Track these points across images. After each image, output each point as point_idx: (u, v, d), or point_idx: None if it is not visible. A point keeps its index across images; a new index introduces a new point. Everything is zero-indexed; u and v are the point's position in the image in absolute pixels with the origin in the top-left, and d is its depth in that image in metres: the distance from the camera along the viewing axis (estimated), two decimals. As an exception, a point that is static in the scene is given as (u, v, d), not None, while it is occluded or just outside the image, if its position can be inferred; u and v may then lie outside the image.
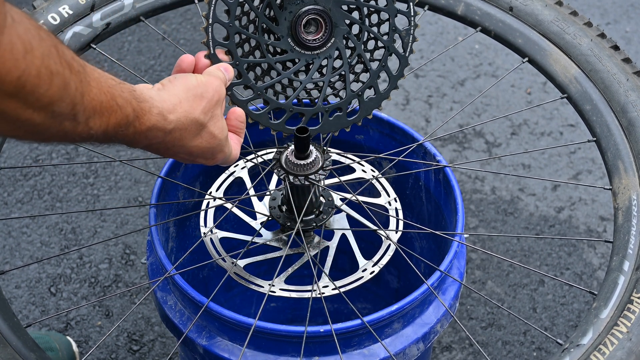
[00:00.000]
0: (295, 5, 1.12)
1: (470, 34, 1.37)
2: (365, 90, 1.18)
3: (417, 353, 1.20)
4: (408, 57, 1.20)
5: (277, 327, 1.11)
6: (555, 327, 1.85)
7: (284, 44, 1.14)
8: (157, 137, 0.95)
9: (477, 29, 1.32)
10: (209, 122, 1.01)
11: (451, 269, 1.25)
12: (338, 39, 1.15)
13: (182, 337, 1.17)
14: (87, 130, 0.85)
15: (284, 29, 1.13)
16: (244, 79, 1.13)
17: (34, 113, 0.77)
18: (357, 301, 1.67)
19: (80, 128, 0.84)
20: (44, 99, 0.77)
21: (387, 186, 1.32)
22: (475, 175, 2.15)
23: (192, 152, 1.01)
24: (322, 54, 1.15)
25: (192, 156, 1.02)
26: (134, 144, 0.94)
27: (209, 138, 1.02)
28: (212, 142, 1.03)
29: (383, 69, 1.18)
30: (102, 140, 0.89)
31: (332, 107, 1.17)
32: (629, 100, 1.20)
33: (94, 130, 0.86)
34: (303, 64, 1.15)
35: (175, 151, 1.00)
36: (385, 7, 1.16)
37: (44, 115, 0.78)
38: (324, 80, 1.16)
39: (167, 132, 0.96)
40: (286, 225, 1.23)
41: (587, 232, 2.04)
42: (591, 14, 2.62)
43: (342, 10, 1.15)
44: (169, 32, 2.51)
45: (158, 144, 0.97)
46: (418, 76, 2.42)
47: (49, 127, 0.80)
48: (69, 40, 1.24)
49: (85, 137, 0.86)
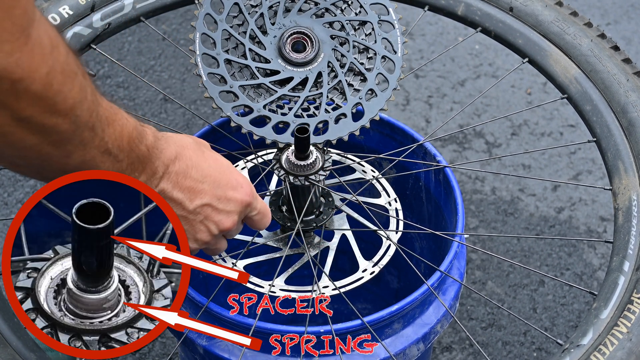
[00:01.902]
0: (278, 30, 1.18)
1: (470, 35, 1.37)
2: (366, 94, 1.18)
3: (417, 353, 1.20)
4: (402, 57, 1.21)
5: (277, 327, 1.12)
6: (556, 327, 1.85)
7: (275, 65, 1.17)
8: (170, 151, 0.95)
9: (477, 30, 1.32)
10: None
11: (451, 269, 1.25)
12: (327, 52, 1.18)
13: (182, 337, 1.17)
14: (104, 144, 0.83)
15: (271, 51, 1.17)
16: (242, 100, 1.16)
17: (59, 118, 0.75)
18: (357, 301, 1.67)
19: (98, 140, 0.82)
20: (69, 100, 0.75)
21: (387, 186, 1.32)
22: (475, 176, 2.15)
23: (209, 174, 1.00)
24: (315, 68, 1.18)
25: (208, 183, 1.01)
26: (151, 163, 0.93)
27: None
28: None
29: (379, 73, 1.20)
30: (118, 156, 0.87)
31: (337, 114, 1.18)
32: (629, 101, 1.20)
33: (110, 143, 0.84)
34: (298, 80, 1.17)
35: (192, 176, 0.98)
36: (361, 19, 1.21)
37: (68, 122, 0.76)
38: (322, 92, 1.18)
39: (172, 151, 0.95)
40: (286, 226, 1.23)
41: (587, 233, 2.04)
42: (591, 15, 2.62)
43: (324, 27, 1.18)
44: (169, 32, 2.51)
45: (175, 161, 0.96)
46: (418, 76, 2.42)
47: (72, 137, 0.78)
48: (69, 40, 1.24)
49: (103, 150, 0.84)
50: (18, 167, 0.83)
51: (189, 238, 1.01)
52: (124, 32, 2.48)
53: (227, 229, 1.03)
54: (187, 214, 0.99)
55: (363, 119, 1.18)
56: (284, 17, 1.19)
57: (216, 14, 1.18)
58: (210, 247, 1.06)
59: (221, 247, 1.08)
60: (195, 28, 1.18)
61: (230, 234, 1.08)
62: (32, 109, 0.72)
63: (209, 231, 1.02)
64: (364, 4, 1.23)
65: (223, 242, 1.08)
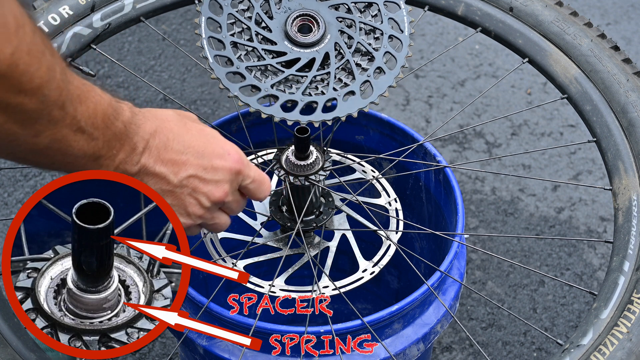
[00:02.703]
0: (284, 13, 1.16)
1: (470, 35, 1.37)
2: (374, 72, 1.17)
3: (417, 353, 1.20)
4: (409, 35, 1.21)
5: (277, 327, 1.12)
6: (556, 327, 1.85)
7: (281, 47, 1.15)
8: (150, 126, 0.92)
9: (478, 30, 1.32)
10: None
11: (451, 269, 1.25)
12: (334, 34, 1.17)
13: (182, 337, 1.17)
14: (76, 122, 0.81)
15: (277, 34, 1.16)
16: (249, 80, 1.14)
17: (26, 98, 0.73)
18: (358, 302, 1.67)
19: (69, 119, 0.80)
20: (35, 80, 0.73)
21: (387, 187, 1.32)
22: (475, 176, 2.15)
23: (191, 144, 0.96)
24: (322, 49, 1.16)
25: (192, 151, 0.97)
26: (129, 139, 0.90)
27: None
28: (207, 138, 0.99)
29: (387, 52, 1.19)
30: (93, 134, 0.84)
31: (345, 92, 1.16)
32: (629, 101, 1.20)
33: (83, 121, 0.82)
34: (305, 61, 1.15)
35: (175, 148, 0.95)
36: (367, 0, 1.19)
37: (35, 101, 0.74)
38: (330, 71, 1.16)
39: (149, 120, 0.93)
40: (286, 226, 1.23)
41: (587, 233, 2.04)
42: (591, 15, 2.62)
43: (330, 10, 1.17)
44: (169, 32, 2.51)
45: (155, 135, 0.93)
46: (418, 77, 2.42)
47: (40, 115, 0.76)
48: (69, 40, 1.24)
49: (76, 129, 0.82)
50: None
51: (180, 213, 0.98)
52: (124, 32, 2.48)
53: (218, 199, 0.99)
54: (172, 187, 0.96)
55: (372, 96, 1.17)
56: (289, 1, 1.17)
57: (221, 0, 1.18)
58: (208, 222, 1.02)
59: (221, 222, 1.04)
60: (201, 12, 1.17)
61: (230, 207, 1.04)
62: None
63: (200, 204, 0.98)
64: None
65: (222, 216, 1.04)
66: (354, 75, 1.17)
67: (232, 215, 1.33)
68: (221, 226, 1.04)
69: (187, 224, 1.00)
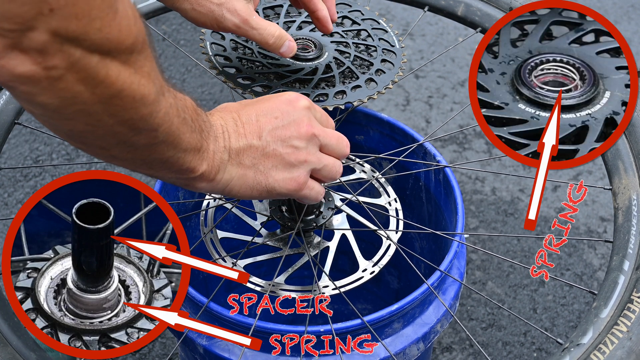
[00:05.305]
0: None
1: (470, 35, 1.38)
2: (375, 73, 1.24)
3: (417, 353, 1.20)
4: (401, 48, 1.28)
5: (277, 327, 1.12)
6: (556, 327, 1.85)
7: (284, 61, 1.22)
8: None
9: (477, 30, 1.33)
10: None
11: (451, 269, 1.25)
12: (331, 52, 1.25)
13: (182, 337, 1.17)
14: (181, 112, 0.84)
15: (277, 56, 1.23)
16: (259, 81, 1.20)
17: (142, 79, 0.76)
18: (357, 301, 1.67)
19: (164, 103, 0.81)
20: (146, 66, 0.76)
21: (387, 186, 1.32)
22: (475, 176, 2.15)
23: (256, 110, 0.97)
24: (323, 61, 1.24)
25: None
26: (211, 128, 0.91)
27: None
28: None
29: (383, 59, 1.26)
30: (192, 126, 0.86)
31: (352, 85, 1.22)
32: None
33: (186, 113, 0.85)
34: (308, 70, 1.22)
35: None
36: (356, 28, 1.30)
37: (151, 85, 0.77)
38: (334, 74, 1.22)
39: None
40: (286, 226, 1.23)
41: (587, 233, 2.04)
42: (591, 15, 2.62)
43: (323, 37, 1.26)
44: (170, 32, 2.51)
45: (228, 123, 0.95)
46: (418, 77, 2.42)
47: (156, 99, 0.78)
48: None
49: (182, 119, 0.84)
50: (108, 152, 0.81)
51: (288, 171, 0.97)
52: (124, 33, 2.48)
53: (306, 132, 0.98)
54: (263, 150, 0.96)
55: (379, 86, 1.22)
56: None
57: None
58: (317, 166, 1.00)
59: (329, 163, 1.02)
60: (205, 39, 1.26)
61: (326, 143, 1.01)
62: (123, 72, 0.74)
63: (295, 147, 0.98)
64: (355, 19, 1.31)
65: (327, 157, 1.02)
66: (357, 76, 1.23)
67: (232, 215, 1.33)
68: (334, 167, 1.03)
69: (300, 177, 0.99)
